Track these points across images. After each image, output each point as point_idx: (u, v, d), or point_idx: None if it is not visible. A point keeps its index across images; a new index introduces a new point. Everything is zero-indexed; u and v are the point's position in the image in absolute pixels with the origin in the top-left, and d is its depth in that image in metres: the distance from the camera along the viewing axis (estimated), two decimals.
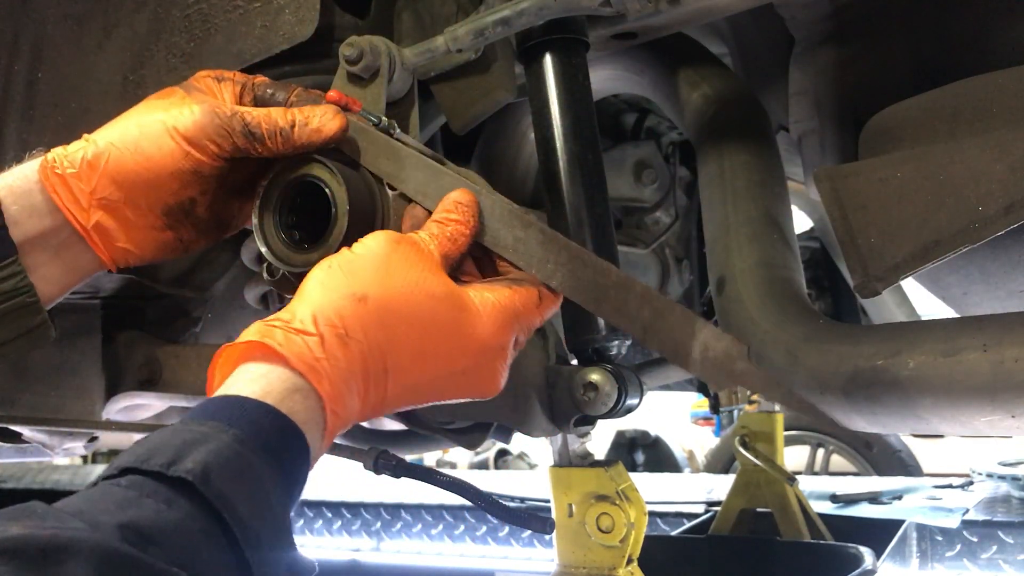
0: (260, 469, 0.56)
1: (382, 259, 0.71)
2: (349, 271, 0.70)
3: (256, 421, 0.59)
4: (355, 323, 0.67)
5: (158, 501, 0.51)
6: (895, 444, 4.67)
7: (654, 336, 0.75)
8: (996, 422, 0.88)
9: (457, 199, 0.80)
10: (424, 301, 0.70)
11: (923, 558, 2.36)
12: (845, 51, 1.24)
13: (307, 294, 0.69)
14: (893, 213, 0.87)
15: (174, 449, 0.54)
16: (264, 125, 0.82)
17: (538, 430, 0.92)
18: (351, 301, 0.67)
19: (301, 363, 0.63)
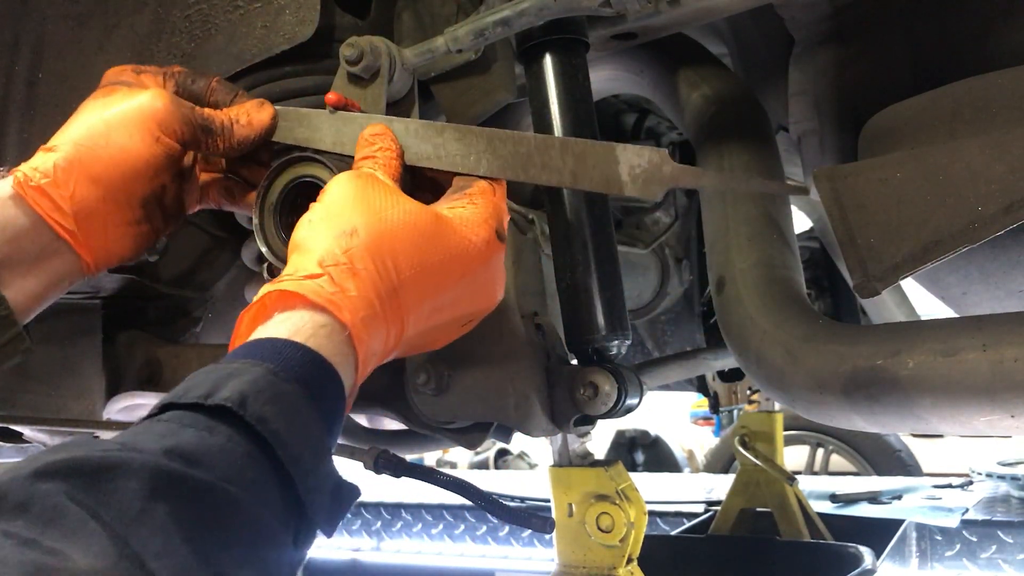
0: (295, 397, 0.58)
1: (352, 195, 0.73)
2: (328, 215, 0.72)
3: (287, 357, 0.60)
4: (355, 254, 0.69)
5: (199, 429, 0.52)
6: (895, 444, 4.67)
7: (584, 177, 0.78)
8: (995, 422, 0.88)
9: (372, 132, 0.83)
10: (404, 218, 0.72)
11: (923, 558, 2.36)
12: (845, 51, 1.24)
13: (299, 247, 0.71)
14: (893, 213, 0.88)
15: (210, 383, 0.56)
16: (215, 122, 0.86)
17: (538, 430, 0.92)
18: (344, 237, 0.69)
19: (319, 298, 0.65)
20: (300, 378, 0.59)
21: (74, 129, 0.83)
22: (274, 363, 0.59)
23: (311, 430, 0.58)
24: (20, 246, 0.79)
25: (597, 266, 0.93)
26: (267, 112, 0.87)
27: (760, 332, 1.07)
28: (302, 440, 0.56)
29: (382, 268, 0.69)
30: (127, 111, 0.83)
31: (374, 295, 0.68)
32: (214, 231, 1.32)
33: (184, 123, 0.84)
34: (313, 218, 0.73)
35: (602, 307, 0.93)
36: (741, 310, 1.10)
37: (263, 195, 0.87)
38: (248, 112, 0.87)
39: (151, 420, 0.54)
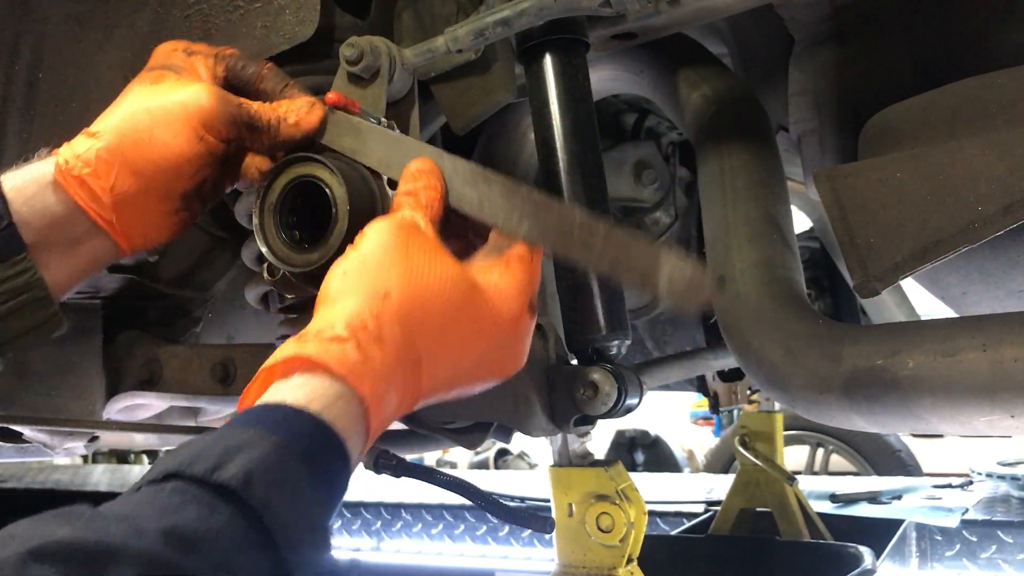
0: (300, 476, 0.57)
1: (392, 251, 0.71)
2: (365, 271, 0.70)
3: (298, 429, 0.59)
4: (385, 321, 0.67)
5: (201, 507, 0.51)
6: (895, 444, 4.67)
7: (622, 269, 0.77)
8: (995, 422, 0.88)
9: (419, 167, 0.80)
10: (440, 286, 0.71)
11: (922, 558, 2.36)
12: (845, 51, 1.24)
13: (331, 302, 0.69)
14: (893, 213, 0.88)
15: (217, 455, 0.54)
16: (262, 119, 0.84)
17: (538, 430, 0.92)
18: (376, 300, 0.68)
19: (342, 368, 0.63)
20: (308, 454, 0.58)
21: (118, 117, 0.82)
22: (284, 436, 0.58)
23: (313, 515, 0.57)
24: (59, 230, 0.79)
25: None
26: (317, 114, 0.85)
27: (760, 332, 1.07)
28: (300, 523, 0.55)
29: (409, 337, 0.68)
30: (172, 107, 0.81)
31: (396, 365, 0.67)
32: (214, 231, 1.32)
33: (229, 122, 0.83)
34: (348, 269, 0.71)
35: (602, 307, 0.93)
36: (741, 310, 1.10)
37: (263, 195, 0.87)
38: (298, 111, 0.85)
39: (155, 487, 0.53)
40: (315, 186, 0.83)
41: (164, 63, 0.86)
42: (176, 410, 1.40)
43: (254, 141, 0.85)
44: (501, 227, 0.80)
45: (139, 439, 1.89)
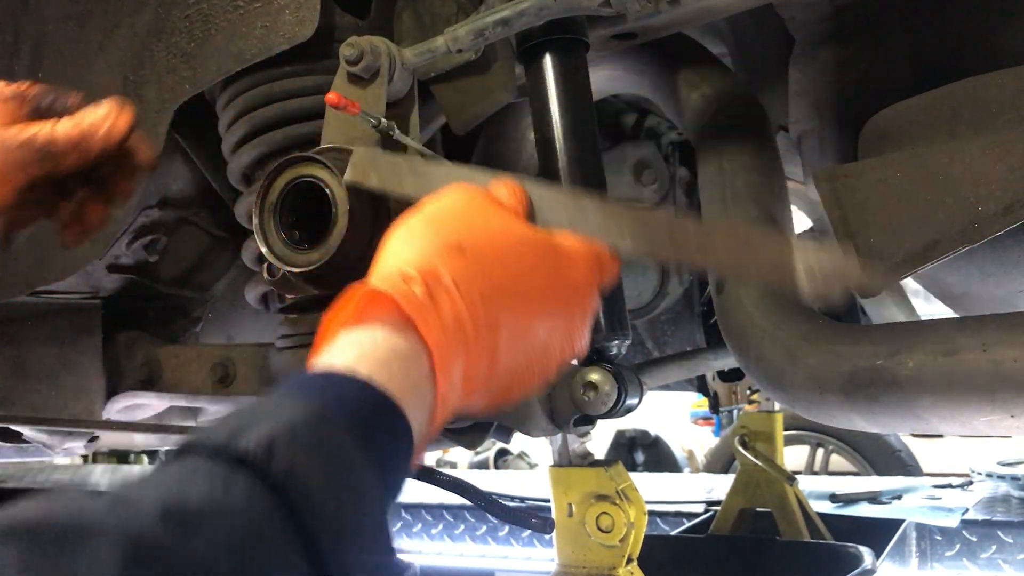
0: (342, 445, 0.47)
1: (462, 207, 0.66)
2: (431, 223, 0.64)
3: (341, 394, 0.50)
4: (457, 272, 0.60)
5: (213, 481, 0.42)
6: (895, 444, 4.68)
7: (748, 270, 0.73)
8: (995, 422, 0.88)
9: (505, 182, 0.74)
10: (517, 245, 0.65)
11: (922, 558, 2.36)
12: (845, 51, 1.24)
13: (395, 253, 0.62)
14: (893, 213, 0.87)
15: (239, 424, 0.46)
16: (60, 142, 0.76)
17: (538, 430, 0.92)
18: (449, 253, 0.61)
19: (408, 305, 0.56)
20: (356, 422, 0.48)
21: None
22: (323, 402, 0.48)
23: (357, 488, 0.46)
24: None
25: None
26: (127, 115, 0.79)
27: (760, 332, 1.06)
28: (340, 500, 0.45)
29: (484, 294, 0.60)
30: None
31: (469, 321, 0.59)
32: (214, 231, 1.32)
33: (18, 170, 0.75)
34: (412, 224, 0.64)
35: (602, 307, 0.93)
36: (741, 310, 1.10)
37: (263, 195, 0.87)
38: (106, 118, 0.78)
39: (168, 465, 0.45)
40: (315, 186, 0.83)
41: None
42: (176, 410, 1.40)
43: (57, 167, 0.77)
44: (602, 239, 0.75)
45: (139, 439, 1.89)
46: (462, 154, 1.52)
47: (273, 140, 1.02)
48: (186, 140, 1.19)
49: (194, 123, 1.17)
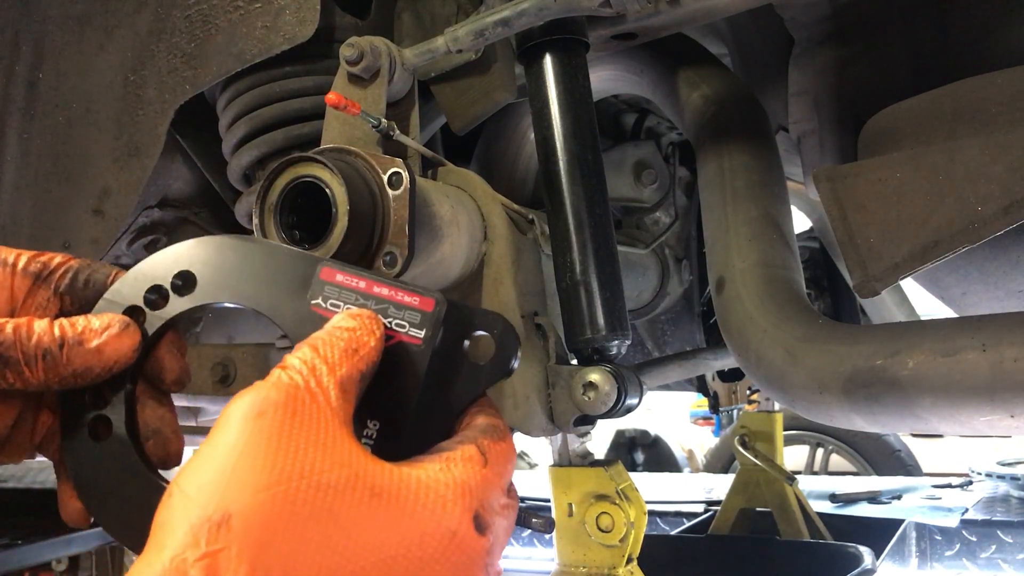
0: None
1: (244, 442, 0.48)
2: (199, 484, 0.47)
3: None
4: (221, 562, 0.44)
5: None
6: (895, 444, 4.68)
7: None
8: (995, 422, 0.88)
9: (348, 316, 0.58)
10: (315, 496, 0.47)
11: (922, 557, 2.36)
12: (845, 51, 1.24)
13: (152, 535, 0.47)
14: (892, 213, 0.88)
15: None
16: (18, 348, 0.58)
17: (538, 430, 0.92)
18: (206, 527, 0.45)
19: None
20: None
21: None
22: None
23: None
24: None
25: (597, 266, 0.93)
26: (130, 340, 0.61)
27: (760, 332, 1.07)
28: None
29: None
30: None
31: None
32: (214, 231, 1.32)
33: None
34: (180, 484, 0.48)
35: (602, 307, 0.93)
36: (741, 310, 1.10)
37: (263, 195, 0.87)
38: (102, 332, 0.60)
39: None
40: (315, 186, 0.83)
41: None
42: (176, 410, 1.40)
43: (13, 379, 0.58)
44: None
45: None
46: (462, 154, 1.53)
47: (273, 140, 1.02)
48: (186, 140, 1.19)
49: (194, 123, 1.17)
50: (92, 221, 1.12)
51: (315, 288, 0.61)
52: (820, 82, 1.27)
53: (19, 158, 1.17)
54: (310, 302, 0.61)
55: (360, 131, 0.88)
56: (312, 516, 0.46)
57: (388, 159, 0.83)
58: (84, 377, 0.60)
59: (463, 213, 0.91)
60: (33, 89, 1.16)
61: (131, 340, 0.61)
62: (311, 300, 0.61)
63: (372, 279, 0.61)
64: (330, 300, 0.61)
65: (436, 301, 0.60)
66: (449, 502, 0.51)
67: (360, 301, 0.60)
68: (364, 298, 0.60)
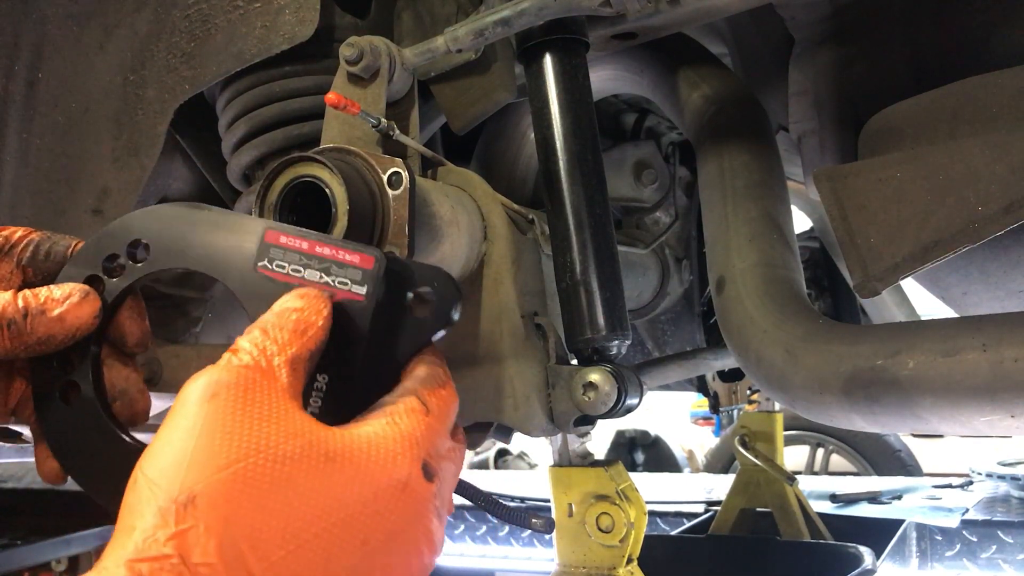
0: None
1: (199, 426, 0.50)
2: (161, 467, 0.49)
3: None
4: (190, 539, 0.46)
5: None
6: (895, 444, 4.68)
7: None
8: (995, 422, 0.88)
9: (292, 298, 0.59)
10: (273, 468, 0.49)
11: (923, 558, 2.36)
12: (845, 51, 1.24)
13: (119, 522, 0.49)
14: (893, 213, 0.88)
15: None
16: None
17: (538, 430, 0.92)
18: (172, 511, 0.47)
19: None
20: None
21: None
22: None
23: None
24: None
25: (597, 266, 0.93)
26: (90, 307, 0.64)
27: (760, 332, 1.06)
28: None
29: (233, 556, 0.46)
30: None
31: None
32: None
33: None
34: (143, 470, 0.50)
35: (602, 307, 0.93)
36: (741, 310, 1.10)
37: (263, 195, 0.87)
38: (64, 300, 0.63)
39: None
40: (315, 186, 0.83)
41: None
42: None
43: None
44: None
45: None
46: (462, 154, 1.53)
47: (273, 140, 1.02)
48: (186, 140, 1.19)
49: (194, 123, 1.17)
50: (92, 221, 1.12)
51: (261, 251, 0.64)
52: (820, 82, 1.27)
53: (19, 158, 1.17)
54: (257, 264, 0.63)
55: (360, 131, 0.87)
56: (272, 487, 0.49)
57: (388, 159, 0.83)
58: (48, 344, 0.63)
59: (463, 213, 0.90)
60: (32, 89, 1.16)
61: (91, 307, 0.65)
62: (258, 263, 0.63)
63: (314, 239, 0.63)
64: (276, 261, 0.63)
65: (376, 258, 0.62)
66: (399, 455, 0.54)
67: (303, 261, 0.63)
68: (307, 258, 0.63)
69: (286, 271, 0.63)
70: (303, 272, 0.63)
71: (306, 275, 0.63)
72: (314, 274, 0.62)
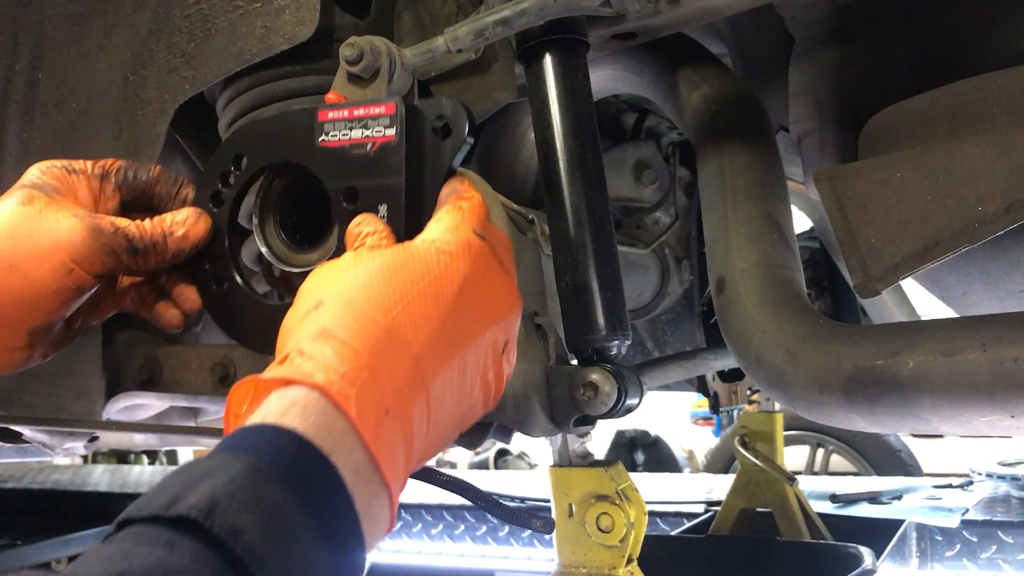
0: (282, 501, 0.47)
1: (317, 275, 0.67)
2: (296, 306, 0.65)
3: (276, 446, 0.50)
4: (326, 321, 0.59)
5: (156, 548, 0.43)
6: (895, 444, 4.68)
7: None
8: (995, 422, 0.88)
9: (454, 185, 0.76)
10: (367, 267, 0.64)
11: (923, 558, 2.36)
12: (845, 51, 1.24)
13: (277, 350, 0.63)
14: (893, 213, 0.88)
15: (177, 487, 0.46)
16: (145, 239, 0.80)
17: (538, 430, 0.92)
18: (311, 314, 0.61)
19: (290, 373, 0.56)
20: (291, 474, 0.49)
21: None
22: (258, 456, 0.49)
23: (302, 540, 0.47)
24: None
25: (597, 266, 0.93)
26: (204, 223, 0.84)
27: (760, 332, 1.06)
28: (289, 554, 0.46)
29: (360, 319, 0.59)
30: (40, 237, 0.75)
31: (361, 346, 0.57)
32: None
33: (105, 253, 0.78)
34: (287, 315, 0.65)
35: (602, 307, 0.93)
36: (741, 310, 1.10)
37: (263, 195, 0.87)
38: (185, 223, 0.83)
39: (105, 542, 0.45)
40: (315, 186, 0.83)
41: (37, 182, 0.81)
42: (176, 410, 1.40)
43: (138, 263, 0.81)
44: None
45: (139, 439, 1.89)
46: None
47: None
48: (186, 140, 1.19)
49: (194, 123, 1.17)
50: None
51: (318, 129, 0.80)
52: (820, 82, 1.27)
53: (19, 158, 1.17)
54: (319, 140, 0.80)
55: None
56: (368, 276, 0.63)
57: None
58: (178, 256, 0.83)
59: None
60: (32, 89, 1.16)
61: (205, 224, 0.84)
62: (319, 139, 0.80)
63: (350, 106, 0.80)
64: (331, 133, 0.80)
65: (396, 104, 0.78)
66: (457, 227, 0.70)
67: (348, 125, 0.79)
68: (350, 123, 0.79)
69: (338, 138, 0.79)
70: (350, 133, 0.79)
71: (352, 135, 0.79)
72: (358, 132, 0.79)
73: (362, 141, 0.78)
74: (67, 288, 0.77)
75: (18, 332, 0.77)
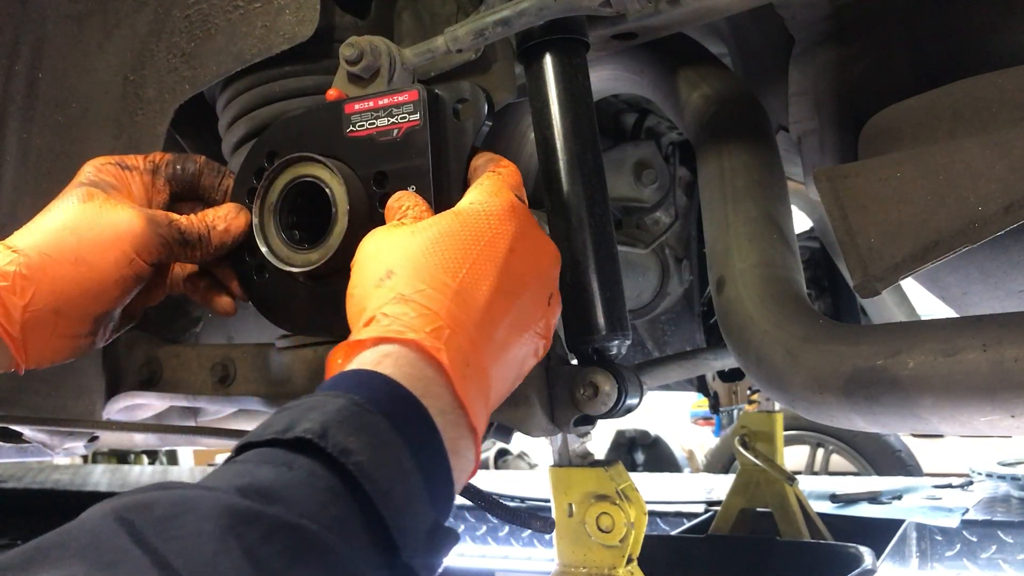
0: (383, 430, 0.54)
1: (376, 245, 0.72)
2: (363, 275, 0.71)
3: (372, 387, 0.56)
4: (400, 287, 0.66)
5: (277, 465, 0.49)
6: (895, 444, 4.68)
7: None
8: (996, 422, 0.88)
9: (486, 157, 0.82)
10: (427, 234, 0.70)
11: (923, 558, 2.36)
12: (845, 51, 1.24)
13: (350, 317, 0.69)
14: (893, 213, 0.87)
15: (289, 418, 0.52)
16: (193, 233, 0.86)
17: (538, 430, 0.92)
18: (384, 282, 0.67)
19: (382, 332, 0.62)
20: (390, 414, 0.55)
21: (42, 234, 0.81)
22: (360, 395, 0.55)
23: (402, 464, 0.53)
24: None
25: (597, 266, 0.93)
26: (244, 217, 0.89)
27: (760, 332, 1.06)
28: (392, 474, 0.52)
29: (432, 284, 0.66)
30: (103, 231, 0.81)
31: (438, 307, 0.64)
32: None
33: (161, 244, 0.84)
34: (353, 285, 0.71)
35: (602, 307, 0.93)
36: (741, 310, 1.10)
37: (263, 195, 0.87)
38: (226, 218, 0.88)
39: (228, 463, 0.51)
40: (315, 186, 0.83)
41: (94, 179, 0.86)
42: (176, 410, 1.40)
43: (186, 255, 0.87)
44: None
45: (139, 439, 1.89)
46: None
47: None
48: (186, 140, 1.19)
49: (194, 123, 1.17)
50: None
51: (345, 121, 0.85)
52: (820, 82, 1.27)
53: (19, 158, 1.17)
54: (347, 132, 0.84)
55: None
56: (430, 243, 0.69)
57: None
58: (221, 249, 0.88)
59: None
60: (32, 89, 1.16)
61: (244, 218, 0.89)
62: (347, 131, 0.85)
63: (374, 96, 0.84)
64: (357, 124, 0.84)
65: (418, 91, 0.82)
66: (499, 191, 0.75)
67: (374, 115, 0.83)
68: (375, 112, 0.83)
69: (365, 127, 0.83)
70: (376, 122, 0.83)
71: (379, 123, 0.83)
72: (384, 120, 0.83)
73: (388, 128, 0.82)
74: (128, 277, 0.83)
75: (85, 321, 0.83)
